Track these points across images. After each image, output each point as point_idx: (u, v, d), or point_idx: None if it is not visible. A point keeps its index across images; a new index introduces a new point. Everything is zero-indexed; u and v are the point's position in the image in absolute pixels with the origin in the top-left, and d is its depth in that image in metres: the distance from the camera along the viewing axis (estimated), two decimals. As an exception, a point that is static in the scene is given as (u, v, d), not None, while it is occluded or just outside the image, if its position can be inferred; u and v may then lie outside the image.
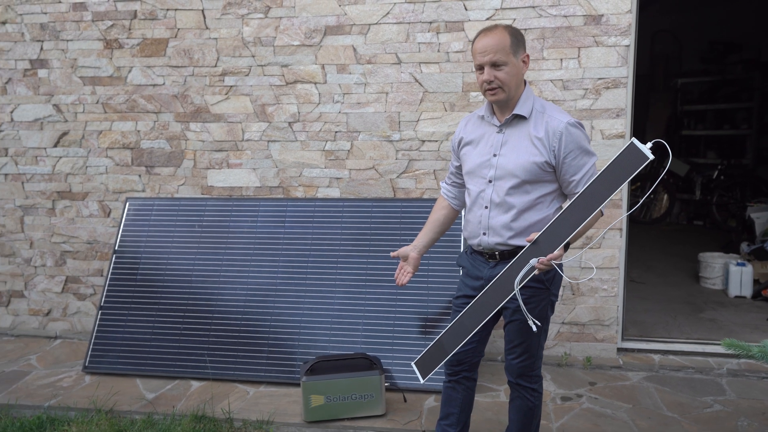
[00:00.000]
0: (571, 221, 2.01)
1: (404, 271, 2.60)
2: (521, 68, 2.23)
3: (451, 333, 2.30)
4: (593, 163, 2.24)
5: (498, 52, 2.18)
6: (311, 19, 3.65)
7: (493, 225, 2.30)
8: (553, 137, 2.19)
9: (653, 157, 1.78)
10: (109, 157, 3.99)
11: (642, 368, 3.56)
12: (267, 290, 3.60)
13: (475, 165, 2.35)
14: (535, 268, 2.04)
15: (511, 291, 2.10)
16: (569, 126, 2.19)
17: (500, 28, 2.22)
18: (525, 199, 2.26)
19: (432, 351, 2.35)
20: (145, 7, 3.81)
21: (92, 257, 4.10)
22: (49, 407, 3.21)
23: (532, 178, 2.23)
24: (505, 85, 2.21)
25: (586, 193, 1.97)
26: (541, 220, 2.27)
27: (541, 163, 2.21)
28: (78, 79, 3.95)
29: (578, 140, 2.20)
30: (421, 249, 2.60)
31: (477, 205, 2.35)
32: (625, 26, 3.36)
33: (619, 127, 3.43)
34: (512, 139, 2.27)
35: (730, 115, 7.93)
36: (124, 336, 3.62)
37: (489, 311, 2.19)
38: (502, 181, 2.27)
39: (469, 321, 2.26)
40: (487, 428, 2.93)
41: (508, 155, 2.26)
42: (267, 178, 3.85)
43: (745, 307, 4.50)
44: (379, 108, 3.66)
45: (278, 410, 3.13)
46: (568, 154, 2.19)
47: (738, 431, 2.90)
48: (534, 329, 2.15)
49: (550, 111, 2.25)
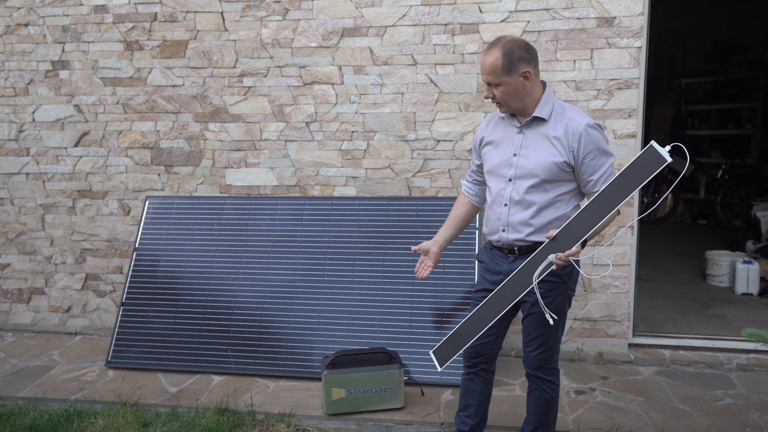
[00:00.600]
0: (590, 219, 2.09)
1: (425, 265, 2.68)
2: (520, 84, 2.28)
3: (470, 324, 2.38)
4: (611, 163, 2.31)
5: (490, 74, 2.27)
6: (329, 21, 3.73)
7: (512, 222, 2.38)
8: (573, 138, 2.27)
9: (671, 160, 1.85)
10: (128, 157, 4.07)
11: (653, 363, 3.64)
12: (285, 287, 3.67)
13: (496, 164, 2.43)
14: (553, 263, 2.12)
15: (529, 285, 2.18)
16: (588, 127, 2.27)
17: (497, 48, 2.27)
18: (544, 197, 2.34)
19: (450, 341, 2.43)
20: (165, 10, 3.89)
21: (112, 255, 4.18)
22: (75, 401, 3.29)
23: (552, 177, 2.31)
24: (504, 101, 2.31)
25: (605, 192, 2.05)
26: (560, 218, 2.35)
27: (561, 163, 2.28)
28: (99, 80, 4.03)
29: (597, 141, 2.28)
30: (441, 244, 2.69)
31: (497, 202, 2.43)
32: (637, 28, 3.44)
33: (630, 127, 3.50)
34: (532, 140, 2.35)
35: (734, 115, 8.00)
36: (145, 332, 3.70)
37: (507, 304, 2.27)
38: (521, 180, 2.35)
39: (487, 313, 2.34)
40: (504, 420, 3.01)
41: (528, 155, 2.34)
42: (284, 177, 3.93)
43: (752, 304, 4.58)
44: (395, 108, 3.74)
45: (299, 403, 3.21)
46: (587, 155, 2.27)
47: (749, 423, 2.97)
48: (551, 323, 2.23)
49: (570, 113, 2.33)
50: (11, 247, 4.28)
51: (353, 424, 3.03)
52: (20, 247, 4.27)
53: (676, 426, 2.94)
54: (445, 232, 2.71)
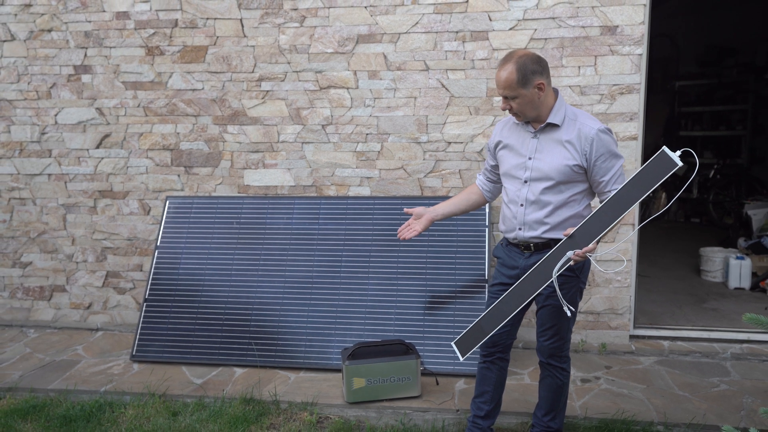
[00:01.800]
0: (605, 219, 2.28)
1: (410, 228, 2.82)
2: (535, 95, 2.44)
3: (490, 316, 2.56)
4: (621, 164, 2.50)
5: (506, 88, 2.44)
6: (344, 28, 3.90)
7: (528, 221, 2.56)
8: (585, 142, 2.45)
9: (681, 164, 2.04)
10: (149, 158, 4.22)
11: (653, 353, 3.84)
12: (304, 283, 3.84)
13: (511, 166, 2.61)
14: (571, 259, 2.31)
15: (548, 279, 2.37)
16: (600, 132, 2.45)
17: (511, 63, 2.42)
18: (559, 198, 2.52)
19: (471, 332, 2.61)
20: (186, 17, 4.04)
21: (132, 253, 4.32)
22: (105, 392, 3.45)
23: (566, 179, 2.49)
24: (520, 111, 2.49)
25: (620, 194, 2.23)
26: (573, 216, 2.53)
27: (573, 166, 2.47)
28: (120, 84, 4.17)
29: (608, 145, 2.46)
30: (436, 214, 2.83)
31: (513, 203, 2.61)
32: (639, 36, 3.63)
33: (632, 130, 3.70)
34: (546, 144, 2.53)
35: (725, 117, 8.25)
36: (168, 326, 3.85)
37: (527, 297, 2.46)
38: (537, 182, 2.53)
39: (507, 306, 2.52)
40: (516, 406, 3.19)
41: (542, 159, 2.52)
42: (301, 177, 4.09)
43: (744, 298, 4.80)
44: (408, 112, 3.92)
45: (320, 393, 3.37)
46: (599, 158, 2.45)
47: (743, 407, 3.18)
48: (569, 314, 2.42)
49: (582, 118, 2.51)
50: (33, 246, 4.42)
51: (373, 412, 3.20)
52: (42, 246, 4.41)
53: (676, 410, 3.13)
54: (446, 206, 2.85)
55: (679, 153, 2.03)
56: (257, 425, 3.11)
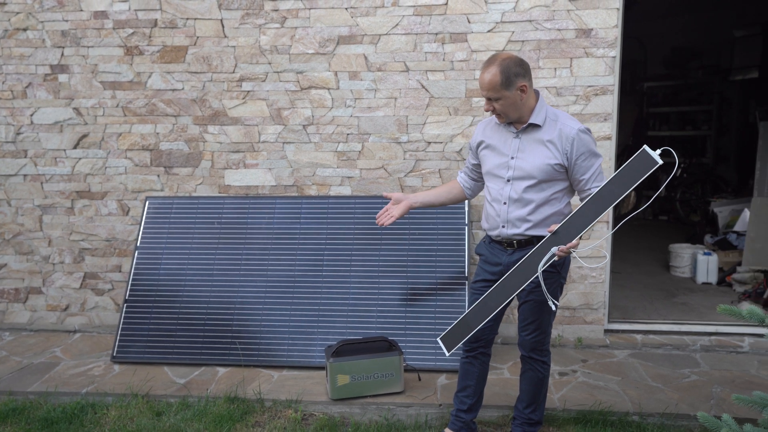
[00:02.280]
0: (588, 216, 2.36)
1: (388, 214, 2.88)
2: (517, 97, 2.52)
3: (475, 311, 2.63)
4: (600, 163, 2.59)
5: (490, 90, 2.52)
6: (325, 29, 3.93)
7: (511, 218, 2.64)
8: (566, 142, 2.54)
9: (662, 162, 2.13)
10: (128, 158, 4.19)
11: (626, 347, 3.96)
12: (286, 282, 3.87)
13: (494, 166, 2.69)
14: (556, 255, 2.39)
15: (533, 274, 2.45)
16: (580, 132, 2.54)
17: (495, 65, 2.50)
18: (541, 196, 2.60)
19: (457, 328, 2.68)
20: (166, 17, 4.03)
21: (110, 254, 4.29)
22: (87, 393, 3.42)
23: (547, 177, 2.57)
24: (503, 113, 2.57)
25: (601, 191, 2.32)
26: (555, 213, 2.62)
27: (555, 165, 2.55)
28: (98, 83, 4.14)
29: (587, 144, 2.55)
30: (414, 202, 2.90)
31: (496, 201, 2.68)
32: (612, 39, 3.75)
33: (606, 130, 3.82)
34: (528, 144, 2.61)
35: (691, 117, 8.51)
36: (149, 327, 3.84)
37: (512, 292, 2.53)
38: (519, 181, 2.61)
39: (492, 300, 2.60)
40: (496, 400, 3.27)
41: (525, 158, 2.60)
42: (282, 177, 4.12)
43: (711, 292, 4.98)
44: (389, 112, 3.97)
45: (304, 390, 3.41)
46: (579, 157, 2.54)
47: (713, 396, 3.31)
48: (553, 308, 2.51)
49: (563, 119, 2.59)
50: (8, 248, 4.35)
51: (357, 408, 3.25)
52: (17, 247, 4.34)
53: (650, 401, 3.25)
54: (425, 195, 2.93)
55: (659, 152, 2.12)
56: (242, 423, 3.13)
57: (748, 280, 4.86)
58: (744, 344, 3.93)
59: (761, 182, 5.18)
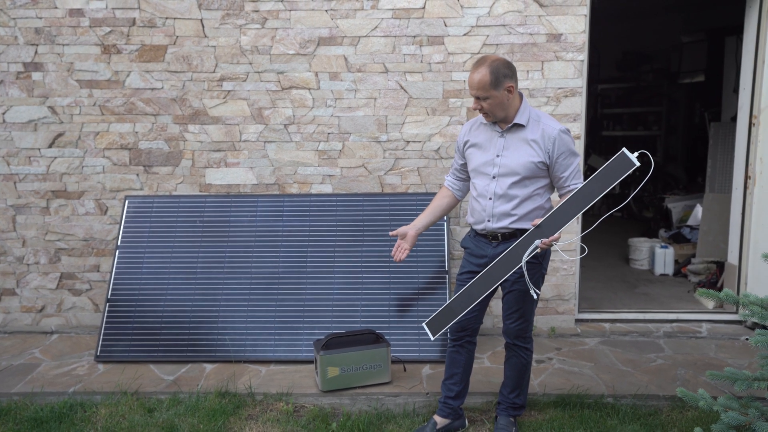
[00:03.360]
0: (569, 211, 2.55)
1: (401, 249, 3.04)
2: (505, 97, 2.69)
3: (460, 299, 2.78)
4: (578, 162, 2.78)
5: (480, 89, 2.67)
6: (305, 30, 4.02)
7: (496, 213, 2.80)
8: (548, 141, 2.71)
9: (639, 164, 2.32)
10: (106, 158, 4.17)
11: (596, 335, 4.20)
12: (270, 278, 3.93)
13: (480, 163, 2.84)
14: (539, 246, 2.56)
15: (517, 264, 2.61)
16: (561, 132, 2.72)
17: (485, 66, 2.66)
18: (524, 192, 2.77)
19: (442, 314, 2.82)
20: (144, 15, 4.03)
21: (88, 254, 4.25)
22: (74, 393, 3.41)
23: (530, 174, 2.74)
24: (491, 112, 2.73)
25: (582, 189, 2.50)
26: (537, 208, 2.79)
27: (538, 162, 2.72)
28: (74, 82, 4.10)
29: (568, 144, 2.74)
30: (419, 229, 3.05)
31: (482, 197, 2.83)
32: (580, 44, 3.97)
33: (576, 130, 4.04)
34: (512, 143, 2.77)
35: (642, 118, 8.94)
36: (133, 326, 3.84)
37: (496, 281, 2.69)
38: (504, 178, 2.77)
39: (477, 289, 2.75)
40: (480, 387, 3.43)
41: (509, 156, 2.76)
42: (263, 176, 4.17)
43: (668, 283, 5.29)
44: (368, 112, 4.09)
45: (294, 383, 3.48)
46: (560, 155, 2.72)
47: (678, 378, 3.56)
48: (535, 297, 2.68)
49: (545, 120, 2.77)
50: (-22, 249, 4.25)
51: (347, 399, 3.35)
52: (-11, 248, 4.25)
53: (622, 384, 3.47)
54: (424, 218, 3.07)
55: (636, 154, 2.31)
56: (236, 417, 3.19)
57: (702, 270, 5.19)
58: (702, 330, 4.22)
59: (712, 179, 5.53)
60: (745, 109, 4.19)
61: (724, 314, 4.36)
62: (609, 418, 3.11)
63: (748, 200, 4.19)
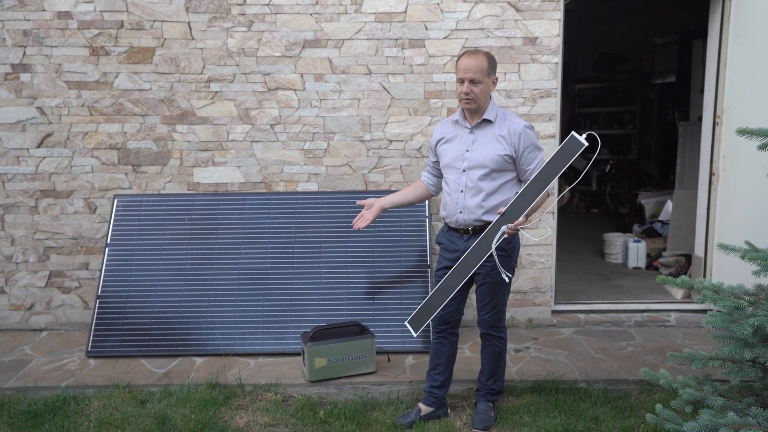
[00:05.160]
0: (529, 197, 2.74)
1: (363, 218, 3.20)
2: (490, 87, 2.93)
3: (438, 293, 2.94)
4: (542, 156, 2.97)
5: (477, 72, 2.86)
6: (291, 33, 4.14)
7: (467, 205, 2.96)
8: (514, 136, 2.90)
9: (587, 144, 2.50)
10: (95, 157, 4.25)
11: (571, 325, 4.39)
12: (258, 274, 4.05)
13: (451, 158, 3.01)
14: (505, 232, 2.74)
15: (488, 251, 2.78)
16: (525, 128, 2.92)
17: (481, 53, 2.91)
18: (492, 184, 2.94)
19: (422, 309, 2.97)
20: (132, 18, 4.12)
21: (77, 252, 4.33)
22: (67, 387, 3.50)
23: (498, 167, 2.92)
24: (478, 98, 2.90)
25: (539, 174, 2.69)
26: (505, 201, 2.97)
27: (505, 156, 2.90)
28: (63, 83, 4.18)
29: (532, 139, 2.93)
30: (385, 204, 3.21)
31: (454, 190, 3.00)
32: (555, 47, 4.15)
33: (551, 129, 4.22)
34: (481, 138, 2.95)
35: (618, 117, 9.19)
36: (124, 321, 3.93)
37: (469, 271, 2.86)
38: (474, 170, 2.94)
39: (453, 280, 2.92)
40: (461, 375, 3.59)
41: (478, 150, 2.94)
42: (250, 174, 4.29)
43: (641, 276, 5.51)
44: (352, 112, 4.23)
45: (282, 375, 3.61)
46: (525, 149, 2.91)
47: (647, 364, 3.76)
48: (507, 280, 2.84)
49: (510, 117, 2.97)
50: (-33, 248, 4.31)
51: (333, 389, 3.49)
52: (-22, 247, 4.31)
53: (594, 370, 3.66)
54: (395, 197, 3.25)
55: (584, 135, 2.50)
56: (226, 407, 3.31)
57: (672, 263, 5.41)
58: (671, 319, 4.43)
59: (681, 176, 5.76)
60: (709, 110, 4.41)
61: (692, 304, 4.57)
62: (582, 402, 3.29)
63: (712, 196, 4.41)
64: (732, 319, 1.92)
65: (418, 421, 3.13)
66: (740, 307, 1.94)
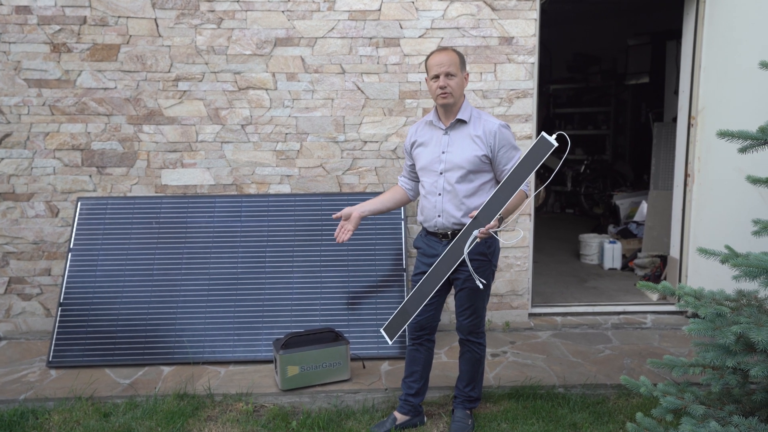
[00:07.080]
0: (501, 198, 2.65)
1: (344, 230, 3.08)
2: (463, 82, 2.88)
3: (413, 299, 2.85)
4: (519, 155, 2.90)
5: (451, 65, 2.81)
6: (262, 31, 4.02)
7: (445, 208, 2.89)
8: (489, 136, 2.83)
9: (557, 144, 2.44)
10: (57, 159, 4.08)
11: (548, 328, 4.34)
12: (229, 279, 3.93)
13: (427, 161, 2.93)
14: (477, 237, 2.66)
15: (460, 256, 2.69)
16: (501, 127, 2.85)
17: (450, 49, 2.87)
18: (470, 186, 2.87)
19: (397, 316, 2.88)
20: (96, 14, 3.96)
21: (39, 257, 4.15)
22: (25, 400, 3.33)
23: (475, 168, 2.85)
24: (454, 91, 2.84)
25: (511, 175, 2.62)
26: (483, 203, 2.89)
27: (481, 156, 2.83)
28: (22, 81, 4.00)
29: (508, 138, 2.86)
30: (364, 212, 3.09)
31: (431, 193, 2.92)
32: (531, 47, 4.10)
33: (527, 130, 4.17)
34: (456, 139, 2.88)
35: (592, 118, 9.23)
36: (87, 330, 3.77)
37: (442, 277, 2.77)
38: (450, 173, 2.86)
39: (427, 287, 2.83)
40: (438, 381, 3.51)
41: (454, 151, 2.87)
42: (221, 176, 4.16)
43: (617, 277, 5.51)
44: (326, 112, 4.12)
45: (254, 383, 3.50)
46: (501, 149, 2.84)
47: (624, 367, 3.73)
48: (480, 287, 2.76)
49: (485, 116, 2.90)
50: None
51: (307, 397, 3.38)
52: (-68, 253, 4.11)
53: (572, 374, 3.62)
54: (371, 204, 3.13)
55: (555, 136, 2.44)
56: (195, 418, 3.18)
57: (647, 264, 5.42)
58: (647, 321, 4.42)
59: (656, 177, 5.77)
60: (684, 111, 4.40)
61: (667, 305, 4.57)
62: (560, 408, 3.24)
63: (688, 197, 4.41)
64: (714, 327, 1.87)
65: (394, 430, 3.04)
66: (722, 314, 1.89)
